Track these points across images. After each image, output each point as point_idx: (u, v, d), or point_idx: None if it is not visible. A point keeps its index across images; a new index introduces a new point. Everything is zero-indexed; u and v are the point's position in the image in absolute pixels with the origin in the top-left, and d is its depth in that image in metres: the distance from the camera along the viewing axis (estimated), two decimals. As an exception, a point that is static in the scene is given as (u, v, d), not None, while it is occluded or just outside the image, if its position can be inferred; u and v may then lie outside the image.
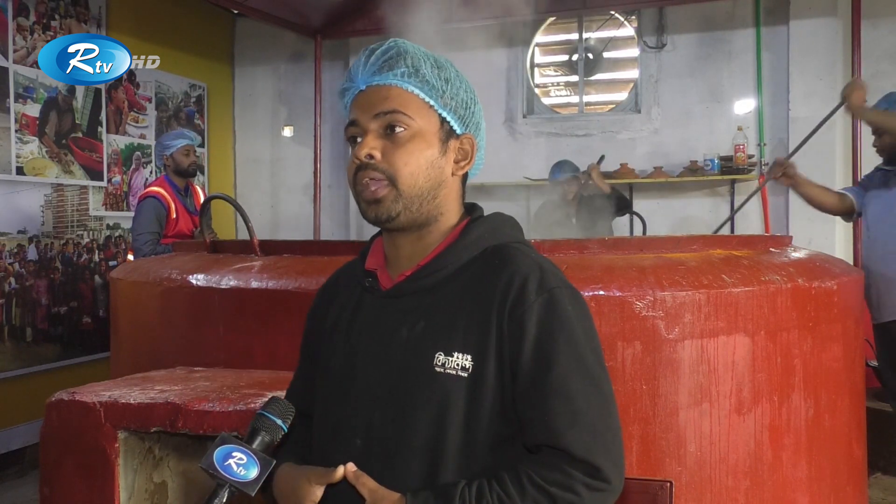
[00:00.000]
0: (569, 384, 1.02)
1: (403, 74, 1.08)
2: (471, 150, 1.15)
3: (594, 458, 1.00)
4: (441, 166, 1.11)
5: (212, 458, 1.03)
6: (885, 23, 4.93)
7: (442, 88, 1.11)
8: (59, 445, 1.89)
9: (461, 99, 1.13)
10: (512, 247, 1.12)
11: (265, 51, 6.36)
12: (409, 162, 1.08)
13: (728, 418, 2.05)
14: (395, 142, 1.08)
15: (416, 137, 1.09)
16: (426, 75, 1.09)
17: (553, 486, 0.99)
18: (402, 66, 1.09)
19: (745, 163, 5.08)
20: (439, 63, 1.12)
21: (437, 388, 1.04)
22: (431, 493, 1.01)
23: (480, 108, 1.18)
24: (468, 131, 1.15)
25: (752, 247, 2.44)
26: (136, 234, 3.88)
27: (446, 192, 1.13)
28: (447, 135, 1.12)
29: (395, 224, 1.10)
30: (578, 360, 1.03)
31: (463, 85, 1.14)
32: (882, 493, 3.66)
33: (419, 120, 1.09)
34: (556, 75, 5.99)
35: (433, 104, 1.10)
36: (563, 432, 1.01)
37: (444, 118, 1.12)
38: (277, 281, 2.21)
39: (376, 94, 1.09)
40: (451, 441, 1.04)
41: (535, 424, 1.03)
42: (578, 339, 1.04)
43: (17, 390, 4.21)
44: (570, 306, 1.06)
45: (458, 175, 1.15)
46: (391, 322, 1.11)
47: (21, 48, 4.29)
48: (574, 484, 0.99)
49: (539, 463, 1.02)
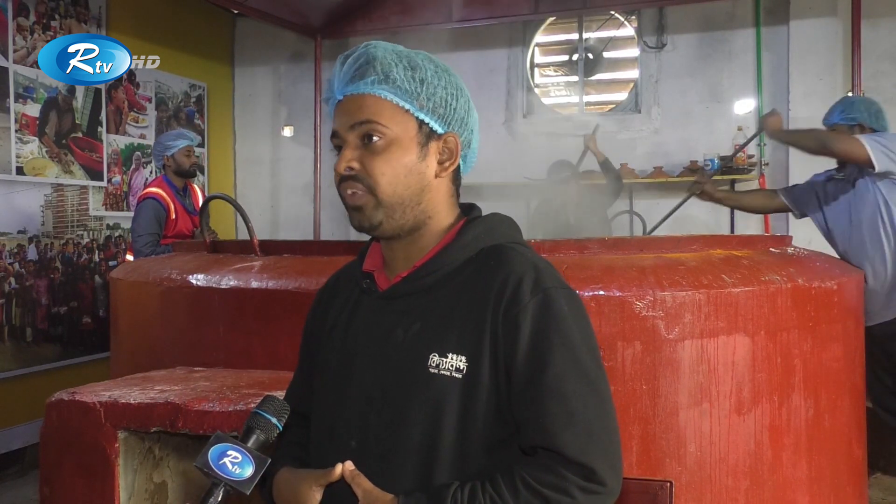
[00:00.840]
0: (564, 385, 1.01)
1: (374, 82, 1.07)
2: (455, 148, 1.13)
3: (589, 459, 0.99)
4: (421, 171, 1.10)
5: (207, 457, 1.04)
6: (885, 23, 4.93)
7: (416, 91, 1.08)
8: (59, 445, 1.89)
9: (440, 98, 1.10)
10: (508, 247, 1.12)
11: (265, 51, 6.35)
12: (386, 171, 1.07)
13: (728, 418, 2.05)
14: (371, 151, 1.08)
15: (392, 145, 1.08)
16: (397, 80, 1.08)
17: (547, 489, 0.98)
18: (372, 74, 1.07)
19: (745, 163, 5.08)
20: (413, 63, 1.10)
21: (431, 390, 1.04)
22: (424, 495, 1.01)
23: (466, 101, 1.14)
24: (451, 129, 1.13)
25: (752, 247, 2.44)
26: (136, 235, 3.87)
27: (431, 195, 1.12)
28: (427, 137, 1.11)
29: (380, 232, 1.11)
30: (574, 360, 1.03)
31: (442, 82, 1.11)
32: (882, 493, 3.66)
33: (394, 126, 1.08)
34: (556, 75, 5.99)
35: (408, 108, 1.09)
36: (557, 433, 1.00)
37: (421, 121, 1.10)
38: (277, 281, 2.21)
39: (351, 103, 1.09)
40: (445, 442, 1.03)
41: (529, 425, 1.02)
42: (574, 339, 1.04)
43: (17, 390, 4.21)
44: (566, 306, 1.05)
45: (444, 176, 1.13)
46: (387, 323, 1.11)
47: (21, 48, 4.29)
48: (568, 486, 0.98)
49: (533, 465, 1.01)
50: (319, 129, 5.96)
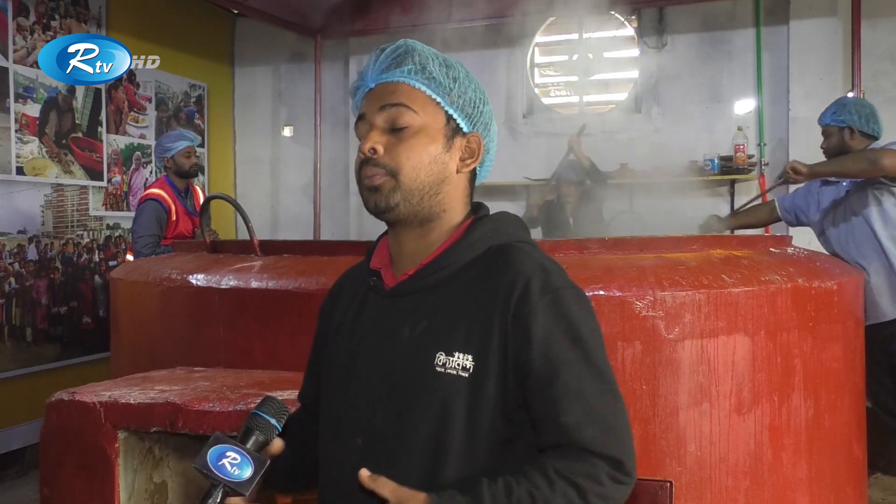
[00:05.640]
0: (581, 384, 1.02)
1: (410, 71, 1.11)
2: (478, 148, 1.16)
3: (615, 452, 1.01)
4: (444, 162, 1.12)
5: (205, 458, 1.04)
6: (885, 23, 4.93)
7: (449, 86, 1.12)
8: (59, 445, 1.89)
9: (469, 97, 1.14)
10: (516, 246, 1.12)
11: (265, 51, 6.35)
12: (412, 156, 1.09)
13: (728, 418, 2.05)
14: (399, 138, 1.10)
15: (421, 132, 1.10)
16: (433, 72, 1.11)
17: (580, 478, 0.99)
18: (410, 64, 1.11)
19: (745, 163, 5.07)
20: (448, 63, 1.14)
21: (437, 388, 1.04)
22: (458, 491, 1.00)
23: (491, 109, 1.19)
24: (476, 130, 1.16)
25: (752, 247, 2.44)
26: (137, 236, 3.87)
27: (450, 188, 1.13)
28: (453, 132, 1.13)
29: (394, 215, 1.11)
30: (588, 359, 1.04)
31: (472, 85, 1.16)
32: (882, 493, 3.66)
33: (424, 115, 1.10)
34: (556, 75, 5.99)
35: (439, 101, 1.12)
36: (581, 430, 1.01)
37: (450, 115, 1.13)
38: (277, 281, 2.21)
39: (384, 89, 1.12)
40: (451, 440, 1.04)
41: (548, 425, 1.03)
42: (586, 338, 1.05)
43: (17, 390, 4.21)
44: (576, 306, 1.07)
45: (464, 172, 1.15)
46: (393, 321, 1.11)
47: (21, 48, 4.29)
48: (601, 475, 1.00)
49: (563, 456, 1.02)
50: (319, 129, 5.96)
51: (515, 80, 5.74)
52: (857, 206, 3.26)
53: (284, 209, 6.45)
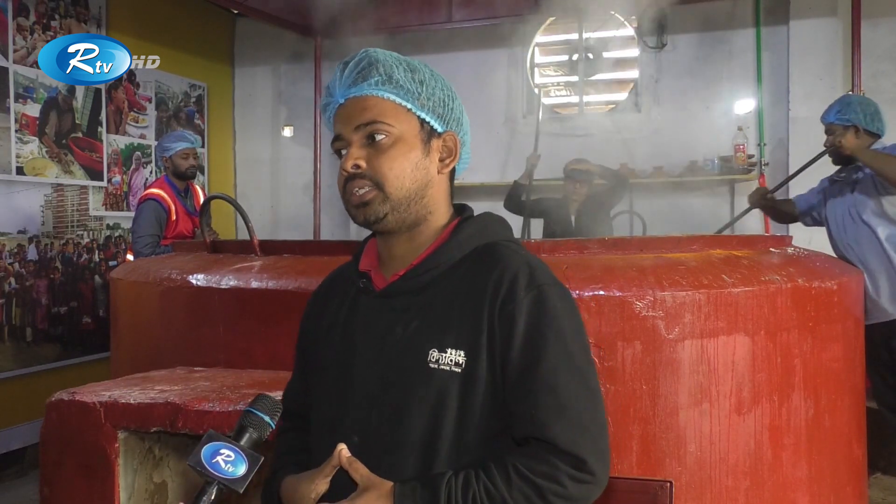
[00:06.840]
0: (556, 378, 1.04)
1: (377, 83, 1.11)
2: (454, 146, 1.18)
3: (580, 450, 1.02)
4: (426, 166, 1.14)
5: (199, 456, 1.04)
6: (885, 23, 4.93)
7: (417, 91, 1.13)
8: (59, 445, 1.89)
9: (438, 98, 1.15)
10: (502, 245, 1.15)
11: (265, 51, 6.35)
12: (394, 167, 1.11)
13: (728, 418, 2.05)
14: (378, 149, 1.11)
15: (398, 142, 1.12)
16: (400, 80, 1.12)
17: (539, 478, 1.01)
18: (376, 75, 1.11)
19: (745, 163, 5.07)
20: (412, 66, 1.15)
21: (432, 385, 1.07)
22: (419, 482, 1.03)
23: (460, 104, 1.20)
24: (449, 128, 1.17)
25: (752, 247, 2.44)
26: (137, 236, 3.87)
27: (433, 191, 1.16)
28: (428, 135, 1.15)
29: (383, 225, 1.13)
30: (566, 354, 1.06)
31: (439, 84, 1.16)
32: (882, 493, 3.66)
33: (398, 125, 1.12)
34: (556, 75, 5.99)
35: (410, 107, 1.13)
36: (550, 425, 1.03)
37: (423, 119, 1.14)
38: (277, 281, 2.21)
39: (354, 105, 1.12)
40: (445, 435, 1.06)
41: (522, 417, 1.05)
42: (566, 334, 1.07)
43: (17, 390, 4.21)
44: (559, 303, 1.09)
45: (444, 173, 1.18)
46: (386, 321, 1.13)
47: (21, 48, 4.29)
48: (560, 475, 1.01)
49: (526, 454, 1.04)
50: (319, 129, 5.96)
51: (515, 80, 5.74)
52: (860, 206, 3.26)
53: (284, 209, 6.45)
